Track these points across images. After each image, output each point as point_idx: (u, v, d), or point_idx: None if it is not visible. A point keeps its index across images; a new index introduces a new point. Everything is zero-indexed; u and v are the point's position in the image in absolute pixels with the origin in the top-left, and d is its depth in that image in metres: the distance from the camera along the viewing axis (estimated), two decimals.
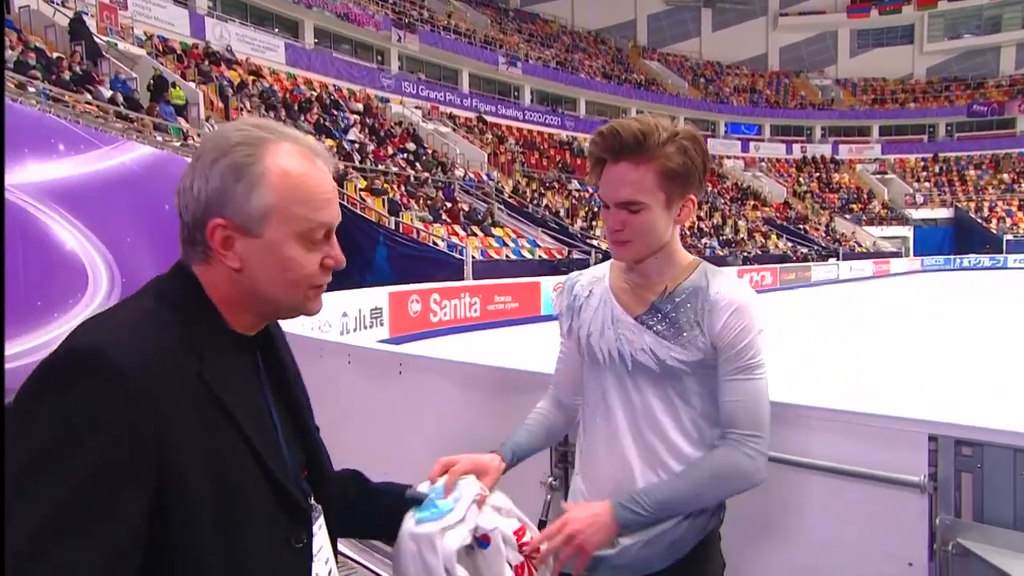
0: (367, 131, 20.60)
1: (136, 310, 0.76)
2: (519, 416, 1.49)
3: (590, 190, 27.43)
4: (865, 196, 41.99)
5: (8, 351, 5.81)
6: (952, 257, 36.43)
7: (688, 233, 27.78)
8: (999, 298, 17.77)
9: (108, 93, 11.59)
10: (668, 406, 1.21)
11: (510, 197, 21.86)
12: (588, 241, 20.61)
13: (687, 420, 1.22)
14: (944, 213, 40.48)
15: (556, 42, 40.28)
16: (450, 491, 1.06)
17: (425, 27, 29.86)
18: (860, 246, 35.73)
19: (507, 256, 16.46)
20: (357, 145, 18.73)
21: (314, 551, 0.84)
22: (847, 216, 39.01)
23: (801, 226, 35.09)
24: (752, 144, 44.20)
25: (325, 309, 7.98)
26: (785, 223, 34.70)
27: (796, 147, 45.36)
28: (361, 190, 15.61)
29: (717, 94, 44.67)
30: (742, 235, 29.85)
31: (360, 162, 17.61)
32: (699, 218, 30.57)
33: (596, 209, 24.87)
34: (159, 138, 10.30)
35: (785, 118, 45.59)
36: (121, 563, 0.65)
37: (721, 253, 25.85)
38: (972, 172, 43.22)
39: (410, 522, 1.01)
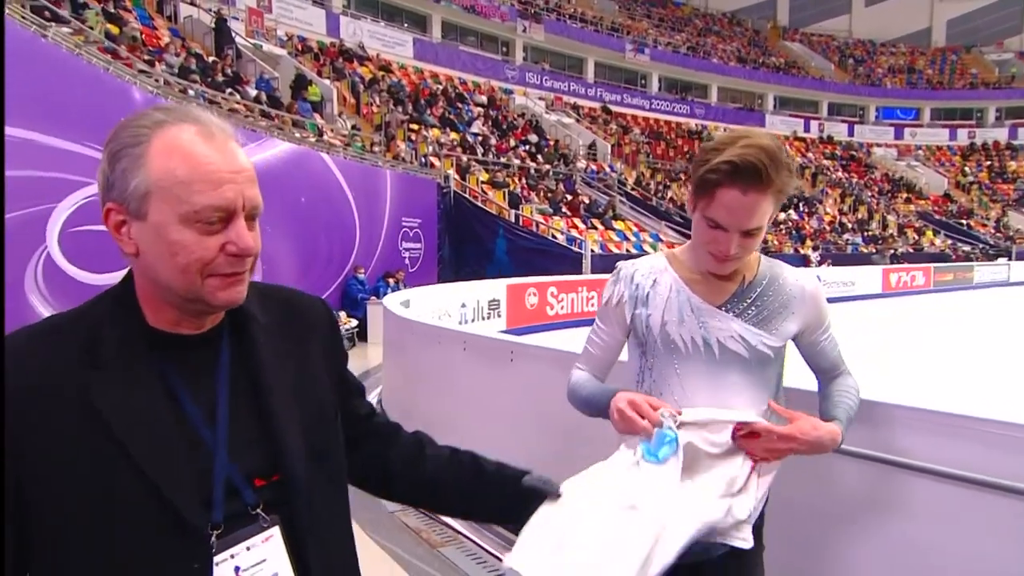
0: (490, 123, 21.06)
1: (51, 321, 0.80)
2: None
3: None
4: None
5: None
6: None
7: (828, 228, 25.94)
8: None
9: (254, 92, 12.71)
10: (754, 390, 1.34)
11: (633, 189, 21.51)
12: None
13: (765, 402, 1.35)
14: None
15: (688, 26, 38.94)
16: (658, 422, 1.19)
17: (551, 16, 29.96)
18: None
19: (627, 250, 16.24)
20: (480, 138, 19.20)
21: (246, 567, 0.80)
22: None
23: (964, 221, 31.66)
24: (908, 130, 40.43)
25: (444, 298, 8.28)
26: (944, 218, 31.46)
27: (962, 132, 40.85)
28: (483, 183, 16.01)
29: (868, 76, 41.23)
30: (891, 231, 27.45)
31: (483, 155, 18.04)
32: (841, 212, 28.46)
33: None
34: (297, 134, 11.15)
35: (949, 100, 41.19)
36: None
37: (865, 250, 23.93)
38: None
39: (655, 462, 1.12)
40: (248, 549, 0.80)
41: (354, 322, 9.75)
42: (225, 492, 0.78)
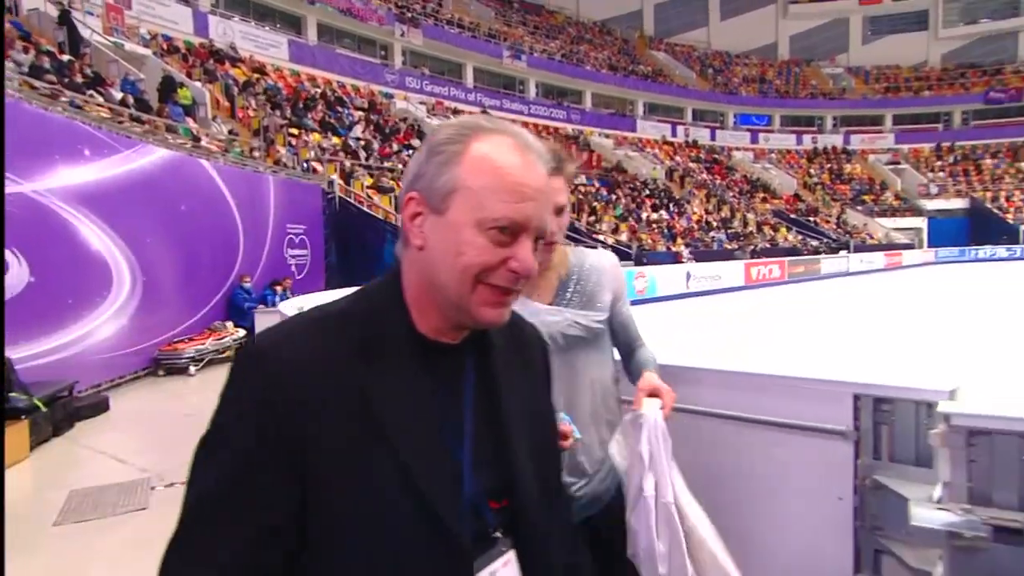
0: (372, 128, 21.06)
1: (323, 312, 0.79)
2: None
3: (596, 184, 27.82)
4: (878, 187, 42.15)
5: (43, 347, 6.31)
6: (967, 248, 36.62)
7: (696, 227, 28.12)
8: (1006, 288, 18.07)
9: (119, 95, 12.08)
10: (600, 363, 1.61)
11: None
12: (595, 236, 21.00)
13: (610, 368, 1.65)
14: (959, 204, 40.58)
15: (561, 34, 40.60)
16: None
17: (428, 21, 30.27)
18: (872, 238, 35.96)
19: None
20: (362, 143, 19.19)
21: None
22: (859, 208, 39.21)
23: (811, 218, 35.35)
24: (762, 135, 44.42)
25: None
26: (795, 215, 34.97)
27: (807, 137, 45.52)
28: (368, 188, 16.07)
29: (726, 84, 44.89)
30: (751, 228, 30.16)
31: (366, 159, 18.06)
32: (707, 211, 30.88)
33: (601, 204, 25.24)
34: (171, 139, 10.78)
35: (795, 108, 45.74)
36: (258, 549, 0.70)
37: (729, 247, 26.17)
38: (988, 161, 43.28)
39: None
40: (492, 574, 0.79)
41: (242, 332, 9.63)
42: (470, 510, 0.78)
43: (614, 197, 26.88)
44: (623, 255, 19.45)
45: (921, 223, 39.59)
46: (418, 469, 0.74)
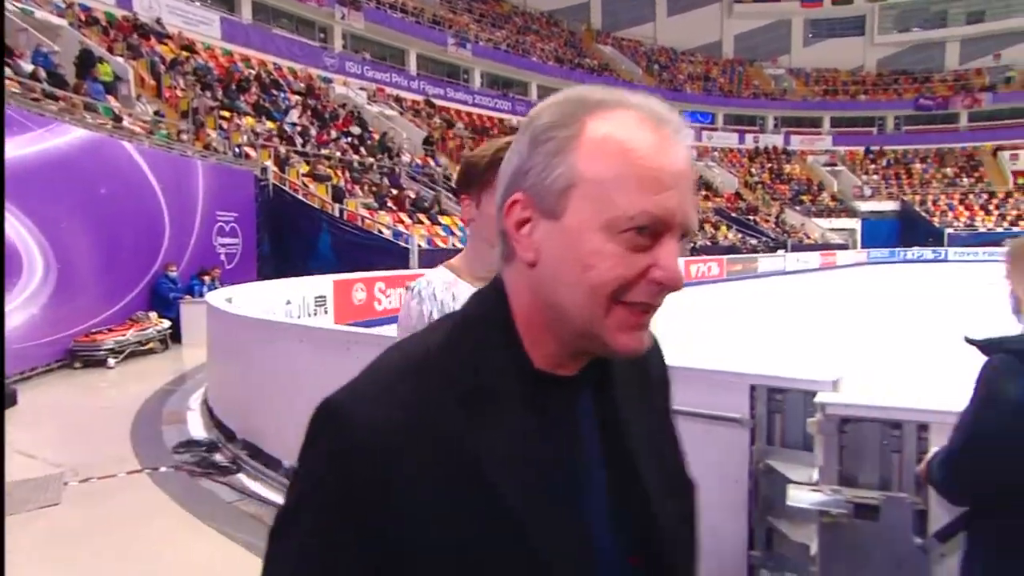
0: (309, 113, 20.70)
1: (413, 350, 0.66)
2: None
3: None
4: (815, 188, 44.06)
5: None
6: (896, 250, 38.71)
7: None
8: (924, 290, 19.28)
9: (29, 68, 11.52)
10: None
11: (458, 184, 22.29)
12: None
13: None
14: (891, 206, 42.88)
15: (507, 23, 40.74)
16: None
17: (371, 4, 29.89)
18: (809, 238, 37.61)
19: (454, 244, 16.93)
20: (299, 128, 18.86)
21: None
22: (797, 208, 40.91)
23: (751, 217, 36.70)
24: (705, 133, 45.71)
25: (267, 295, 8.34)
26: (736, 214, 36.23)
27: (749, 137, 47.16)
28: (304, 175, 15.84)
29: (671, 81, 45.98)
30: None
31: (302, 146, 17.77)
32: None
33: None
34: (89, 119, 10.38)
35: (739, 107, 47.30)
36: None
37: None
38: (918, 166, 45.84)
39: None
40: None
41: (166, 323, 9.40)
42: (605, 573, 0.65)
43: None
44: None
45: (855, 224, 41.64)
46: (537, 532, 0.60)
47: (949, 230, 39.07)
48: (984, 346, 1.25)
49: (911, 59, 49.66)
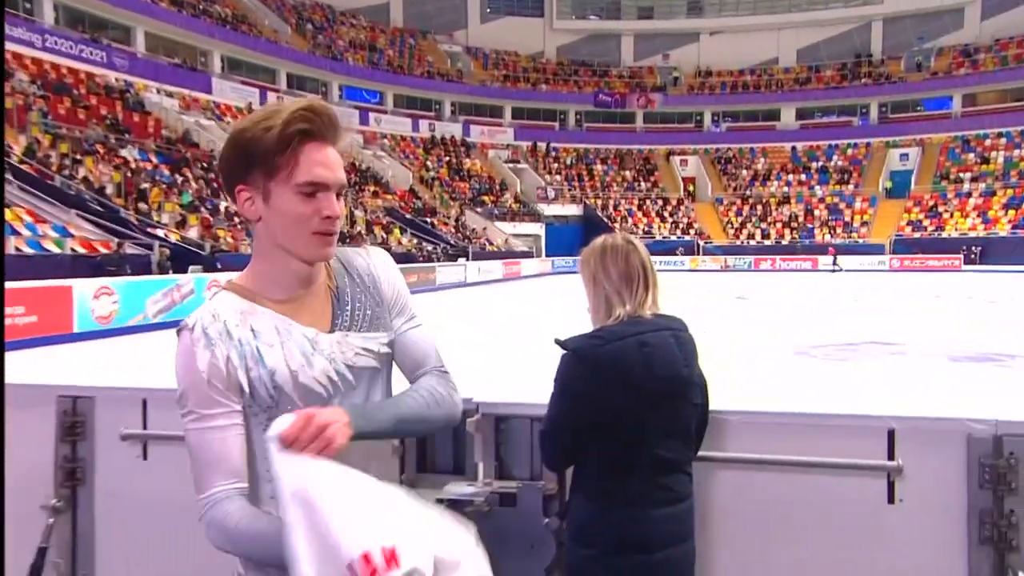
0: None
1: None
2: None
3: (153, 159, 25.79)
4: (498, 187, 48.16)
5: None
6: (574, 260, 44.31)
7: None
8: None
9: None
10: (389, 392, 1.56)
11: (23, 163, 19.34)
12: (150, 230, 19.41)
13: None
14: (574, 210, 48.93)
15: None
16: None
17: None
18: (492, 244, 40.84)
19: (17, 248, 14.90)
20: None
21: None
22: (479, 210, 44.19)
23: (428, 219, 38.51)
24: (373, 115, 46.94)
25: None
26: (411, 215, 37.67)
27: (424, 123, 49.71)
28: None
29: (329, 47, 46.24)
30: (359, 228, 31.46)
31: None
32: None
33: (160, 186, 23.48)
34: None
35: (411, 87, 49.59)
36: None
37: None
38: (599, 167, 53.18)
39: None
40: None
41: None
42: None
43: (180, 179, 25.31)
44: (190, 258, 18.39)
45: (539, 229, 46.50)
46: None
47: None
48: (560, 345, 1.85)
49: (590, 50, 57.57)
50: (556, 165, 52.45)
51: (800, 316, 17.18)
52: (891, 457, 2.01)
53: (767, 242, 46.65)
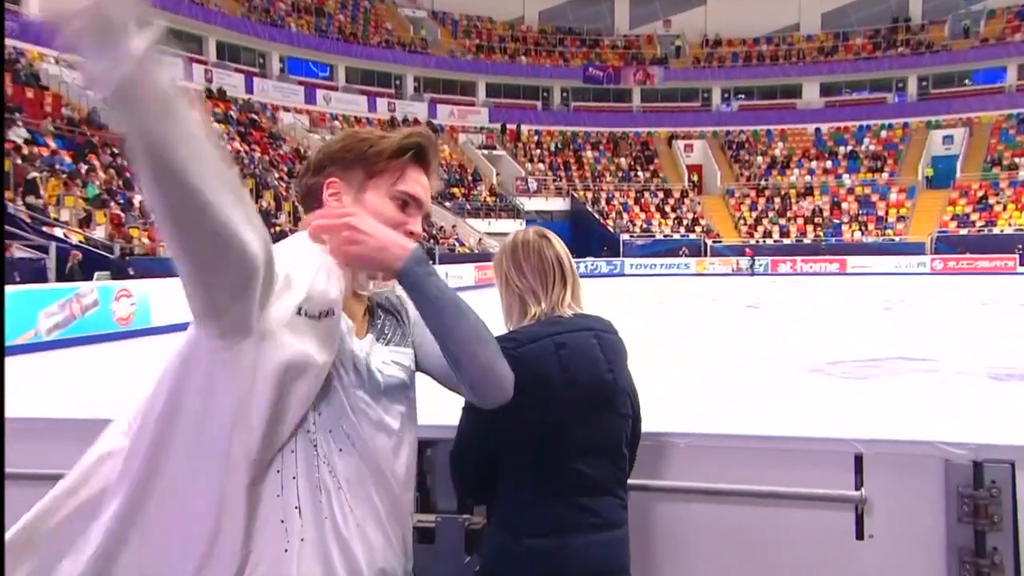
0: None
1: None
2: None
3: (51, 144, 25.57)
4: (470, 178, 48.17)
5: None
6: None
7: None
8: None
9: None
10: (414, 412, 1.73)
11: None
12: (46, 230, 19.24)
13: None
14: (560, 204, 49.02)
15: None
16: None
17: None
18: (463, 245, 40.82)
19: None
20: None
21: None
22: (447, 204, 44.14)
23: None
24: (321, 93, 46.88)
25: None
26: None
27: (382, 103, 49.67)
28: None
29: (267, 12, 46.10)
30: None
31: None
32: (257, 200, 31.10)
33: (60, 177, 23.28)
34: None
35: (366, 60, 49.56)
36: None
37: None
38: (589, 153, 53.34)
39: None
40: None
41: None
42: None
43: (84, 168, 25.11)
44: (96, 263, 18.23)
45: (519, 227, 46.36)
46: None
47: (625, 236, 46.10)
48: None
49: (578, 15, 57.71)
50: (539, 152, 52.53)
51: (819, 328, 17.29)
52: (859, 486, 2.04)
53: (786, 241, 46.95)
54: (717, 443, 2.19)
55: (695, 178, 52.03)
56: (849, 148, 52.27)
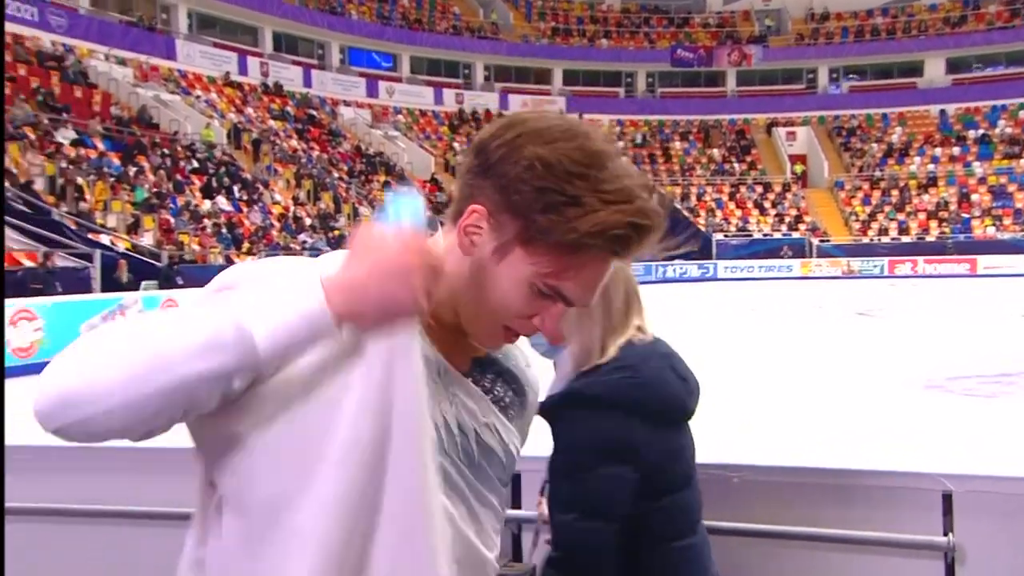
0: None
1: None
2: None
3: (99, 145, 26.27)
4: None
5: None
6: (652, 265, 43.71)
7: (277, 225, 28.45)
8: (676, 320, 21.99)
9: None
10: (500, 513, 1.41)
11: None
12: (91, 237, 19.75)
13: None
14: None
15: None
16: None
17: None
18: None
19: None
20: None
21: None
22: None
23: None
24: (384, 86, 47.28)
25: None
26: (433, 212, 37.74)
27: (450, 95, 49.90)
28: None
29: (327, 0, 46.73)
30: None
31: None
32: (296, 201, 31.55)
33: (107, 180, 23.86)
34: None
35: (433, 48, 49.86)
36: None
37: None
38: (678, 144, 52.80)
39: None
40: None
41: None
42: None
43: (133, 170, 25.75)
44: (143, 271, 18.63)
45: None
46: None
47: (718, 236, 45.44)
48: (559, 405, 1.87)
49: None
50: (621, 143, 52.12)
51: (942, 338, 16.73)
52: (947, 530, 1.87)
53: (905, 239, 45.71)
54: (777, 477, 2.05)
55: (798, 169, 51.04)
56: (980, 132, 50.63)
